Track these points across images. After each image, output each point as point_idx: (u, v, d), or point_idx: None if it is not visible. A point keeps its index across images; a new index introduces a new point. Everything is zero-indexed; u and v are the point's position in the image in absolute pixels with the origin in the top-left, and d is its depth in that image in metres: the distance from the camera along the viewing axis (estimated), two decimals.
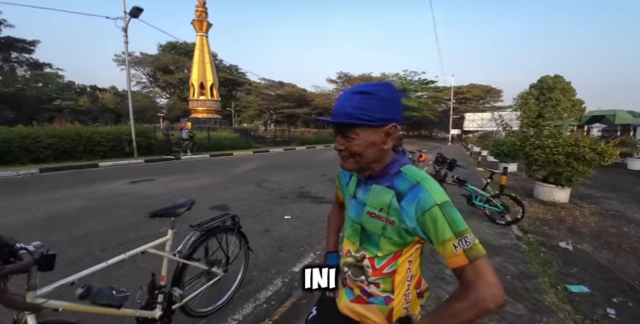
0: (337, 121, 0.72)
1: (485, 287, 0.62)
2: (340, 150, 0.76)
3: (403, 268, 0.79)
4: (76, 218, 4.09)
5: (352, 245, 0.86)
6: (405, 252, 0.78)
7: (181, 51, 40.67)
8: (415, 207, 0.69)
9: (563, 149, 5.20)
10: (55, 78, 33.52)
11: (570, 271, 2.81)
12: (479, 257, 0.65)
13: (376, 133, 0.72)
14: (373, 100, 0.70)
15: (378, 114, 0.70)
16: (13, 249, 1.04)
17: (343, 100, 0.72)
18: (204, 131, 16.46)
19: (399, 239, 0.75)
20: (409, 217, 0.71)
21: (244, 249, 2.16)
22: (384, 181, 0.78)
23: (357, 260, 0.83)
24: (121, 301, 1.34)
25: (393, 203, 0.74)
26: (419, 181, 0.72)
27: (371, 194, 0.80)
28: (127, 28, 11.45)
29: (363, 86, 0.72)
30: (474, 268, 0.64)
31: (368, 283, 0.82)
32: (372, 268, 0.80)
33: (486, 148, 14.45)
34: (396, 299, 0.80)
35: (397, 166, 0.78)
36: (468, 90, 47.52)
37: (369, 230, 0.80)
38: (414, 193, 0.70)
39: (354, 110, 0.70)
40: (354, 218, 0.85)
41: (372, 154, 0.75)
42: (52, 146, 9.93)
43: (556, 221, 4.39)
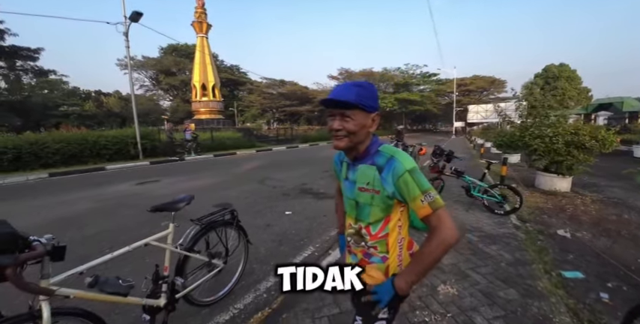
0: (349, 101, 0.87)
1: (445, 230, 0.85)
2: (338, 130, 0.91)
3: (394, 232, 0.98)
4: (86, 219, 4.25)
5: (352, 219, 1.05)
6: (393, 217, 0.97)
7: (182, 53, 40.95)
8: (392, 175, 0.89)
9: (562, 138, 5.18)
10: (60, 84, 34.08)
11: (566, 258, 2.85)
12: (439, 207, 0.86)
13: (367, 118, 0.92)
14: (367, 91, 0.91)
15: (370, 102, 0.91)
16: (27, 241, 1.15)
17: (346, 88, 0.90)
18: (207, 132, 16.64)
19: (384, 204, 0.94)
20: (388, 184, 0.90)
21: (244, 242, 2.26)
22: (367, 160, 0.97)
23: (357, 230, 1.02)
24: (127, 289, 1.44)
25: (376, 176, 0.93)
26: (392, 154, 0.92)
27: (359, 173, 0.98)
28: (127, 32, 11.61)
29: (357, 82, 0.92)
30: (436, 216, 0.86)
31: (368, 247, 1.01)
32: (369, 235, 0.99)
33: (489, 140, 14.35)
34: (390, 258, 0.99)
35: (376, 147, 0.97)
36: (471, 82, 46.90)
37: (361, 203, 0.98)
38: (389, 165, 0.90)
39: (357, 97, 0.88)
40: (349, 196, 1.03)
41: (362, 135, 0.93)
42: (60, 151, 10.19)
43: (556, 210, 4.40)
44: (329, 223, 3.85)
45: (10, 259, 1.00)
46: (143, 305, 1.59)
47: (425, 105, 43.86)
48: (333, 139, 0.96)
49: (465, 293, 2.15)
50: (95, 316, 1.36)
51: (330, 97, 0.90)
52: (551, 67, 28.17)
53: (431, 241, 0.86)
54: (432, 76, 48.52)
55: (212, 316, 1.97)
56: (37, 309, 1.15)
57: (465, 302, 2.05)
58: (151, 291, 1.63)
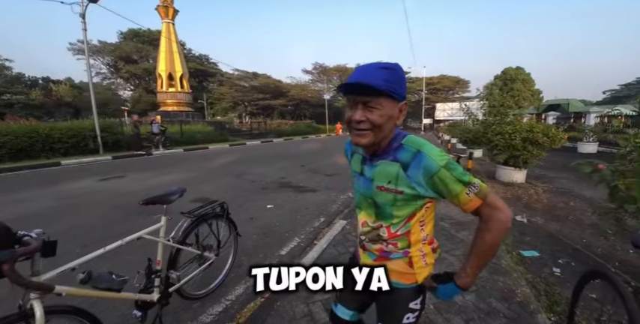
0: (377, 87, 0.72)
1: (501, 214, 0.77)
2: (360, 121, 0.76)
3: (416, 229, 0.87)
4: (48, 217, 3.93)
5: (369, 217, 0.92)
6: (417, 214, 0.85)
7: (145, 39, 38.13)
8: (422, 173, 0.76)
9: (520, 135, 5.73)
10: (3, 70, 30.18)
11: (524, 239, 3.22)
12: (487, 194, 0.78)
13: (395, 108, 0.78)
14: (395, 76, 0.75)
15: (399, 89, 0.76)
16: (16, 236, 1.09)
17: (373, 72, 0.74)
18: (175, 125, 15.83)
19: (410, 205, 0.82)
20: (418, 183, 0.78)
21: (233, 234, 2.27)
22: (387, 155, 0.83)
23: (374, 229, 0.90)
24: (120, 285, 1.41)
25: (400, 174, 0.79)
26: (419, 148, 0.78)
27: (378, 170, 0.84)
28: (85, 13, 10.58)
29: (385, 63, 0.77)
30: (489, 204, 0.78)
31: (387, 244, 0.89)
32: (388, 233, 0.88)
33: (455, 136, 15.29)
34: (412, 250, 0.89)
35: (399, 140, 0.83)
36: (438, 81, 49.26)
37: (380, 202, 0.86)
38: (417, 161, 0.77)
39: (384, 82, 0.72)
40: (364, 193, 0.91)
41: (389, 128, 0.79)
42: (7, 145, 9.17)
43: (514, 199, 4.89)
44: (311, 215, 3.94)
45: (7, 255, 0.95)
46: (136, 301, 1.56)
47: None
48: (351, 135, 0.82)
49: None
50: (88, 313, 1.32)
51: (352, 81, 0.74)
52: (509, 70, 30.53)
53: (490, 229, 0.77)
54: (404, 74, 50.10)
55: (205, 308, 1.98)
56: (29, 308, 1.09)
57: None
58: (144, 286, 1.60)
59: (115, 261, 2.44)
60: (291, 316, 1.86)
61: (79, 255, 1.29)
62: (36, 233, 1.14)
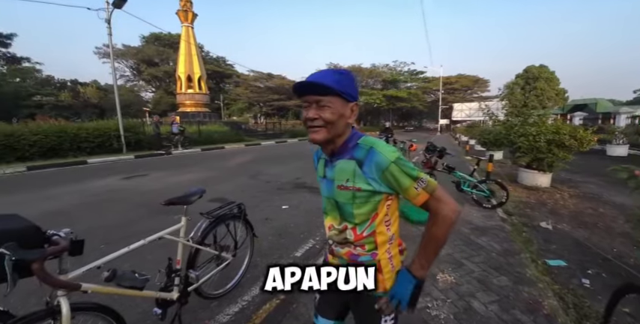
0: (327, 84, 0.78)
1: (447, 208, 0.82)
2: (314, 119, 0.82)
3: (382, 229, 0.89)
4: (74, 214, 4.12)
5: (334, 220, 0.94)
6: (380, 213, 0.87)
7: (165, 42, 39.42)
8: (375, 168, 0.81)
9: (545, 137, 5.47)
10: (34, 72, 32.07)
11: (550, 247, 3.07)
12: (435, 189, 0.83)
13: (345, 107, 0.84)
14: (346, 79, 0.83)
15: (350, 90, 0.83)
16: (45, 236, 1.13)
17: (324, 75, 0.82)
18: (193, 125, 16.25)
19: (368, 202, 0.85)
20: (373, 179, 0.82)
21: (250, 236, 2.29)
22: (345, 155, 0.88)
23: (340, 231, 0.92)
24: (143, 283, 1.45)
25: (356, 171, 0.84)
26: (371, 146, 0.83)
27: (337, 169, 0.88)
28: (110, 19, 11.06)
29: (335, 69, 0.86)
30: (436, 198, 0.83)
31: (355, 247, 0.91)
32: (354, 235, 0.90)
33: (474, 138, 14.84)
34: (379, 252, 0.91)
35: (355, 140, 0.88)
36: (456, 80, 48.02)
37: (341, 202, 0.88)
38: (370, 158, 0.82)
39: (334, 83, 0.79)
40: (327, 195, 0.94)
41: (341, 126, 0.84)
42: (38, 144, 9.70)
43: (538, 204, 4.68)
44: None
45: (38, 254, 0.99)
46: (156, 299, 1.60)
47: (412, 102, 44.63)
48: (308, 132, 0.86)
49: (462, 280, 2.29)
50: (112, 310, 1.36)
51: (306, 81, 0.80)
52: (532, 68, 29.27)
53: (437, 222, 0.83)
54: (419, 73, 49.33)
55: (221, 308, 2.00)
56: (56, 304, 1.12)
57: (462, 289, 2.18)
58: (164, 284, 1.64)
59: (136, 259, 2.52)
60: (306, 318, 1.85)
61: (102, 252, 1.34)
62: (64, 233, 1.18)
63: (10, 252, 0.90)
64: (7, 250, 0.90)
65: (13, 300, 1.93)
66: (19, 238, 0.98)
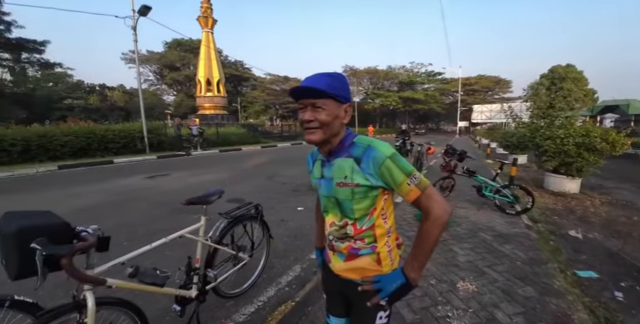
0: (320, 88, 0.83)
1: (438, 206, 0.84)
2: (310, 121, 0.86)
3: (380, 222, 0.94)
4: (100, 212, 4.32)
5: (335, 217, 0.97)
6: (377, 207, 0.92)
7: (187, 48, 40.87)
8: (372, 164, 0.85)
9: (573, 140, 5.19)
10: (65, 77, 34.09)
11: (579, 258, 2.89)
12: (426, 187, 0.86)
13: (339, 109, 0.88)
14: (339, 82, 0.87)
15: (343, 93, 0.87)
16: (74, 232, 1.19)
17: (317, 79, 0.86)
18: (212, 127, 16.68)
19: (366, 197, 0.89)
20: (370, 174, 0.86)
21: (266, 237, 2.30)
22: (342, 153, 0.91)
23: (341, 227, 0.96)
24: (164, 280, 1.48)
25: (354, 167, 0.88)
26: (368, 143, 0.88)
27: (335, 167, 0.92)
28: (136, 26, 11.60)
29: (327, 73, 0.89)
30: (426, 196, 0.85)
31: (355, 241, 0.95)
32: (354, 230, 0.93)
33: (495, 140, 14.31)
34: (379, 245, 0.95)
35: (350, 139, 0.92)
36: (476, 81, 46.64)
37: (341, 199, 0.92)
38: (367, 154, 0.86)
39: (327, 87, 0.83)
40: (326, 194, 0.96)
41: (336, 127, 0.88)
42: (68, 144, 10.27)
43: (566, 211, 4.43)
44: None
45: (67, 250, 1.03)
46: (176, 296, 1.64)
47: (429, 104, 43.73)
48: (305, 134, 0.90)
49: (485, 290, 2.19)
50: (134, 306, 1.40)
51: (300, 86, 0.85)
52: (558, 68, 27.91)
53: (426, 222, 0.85)
54: (437, 75, 48.31)
55: (237, 307, 2.02)
56: (82, 298, 1.17)
57: (485, 298, 2.08)
58: (183, 282, 1.67)
59: (157, 257, 2.60)
60: (322, 321, 1.83)
61: (126, 248, 1.39)
62: (92, 229, 1.23)
63: (41, 247, 0.94)
64: (39, 245, 0.94)
65: (40, 292, 2.04)
66: (50, 234, 1.03)
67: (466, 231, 3.46)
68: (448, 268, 2.55)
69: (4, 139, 9.07)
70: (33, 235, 0.98)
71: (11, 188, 6.09)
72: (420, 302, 2.03)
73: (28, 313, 1.22)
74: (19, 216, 1.08)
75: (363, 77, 44.48)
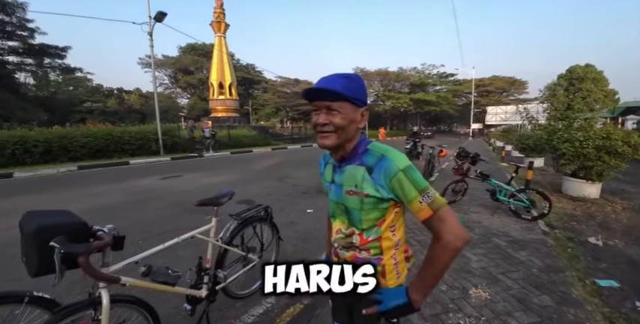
0: (337, 90, 0.78)
1: (450, 230, 0.76)
2: (324, 124, 0.81)
3: (387, 234, 0.89)
4: (117, 211, 4.45)
5: (342, 224, 0.94)
6: (387, 219, 0.87)
7: (200, 52, 41.79)
8: (384, 175, 0.80)
9: (593, 142, 4.99)
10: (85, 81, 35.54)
11: (599, 266, 2.76)
12: (440, 207, 0.78)
13: (356, 112, 0.83)
14: (356, 84, 0.82)
15: (359, 96, 0.82)
16: (91, 231, 1.23)
17: (333, 80, 0.81)
18: (224, 129, 16.96)
19: (376, 208, 0.84)
20: (381, 186, 0.81)
21: (276, 238, 2.31)
22: (354, 160, 0.87)
23: (347, 235, 0.92)
24: (175, 279, 1.51)
25: (365, 177, 0.83)
26: (383, 153, 0.82)
27: (346, 175, 0.88)
28: (152, 32, 11.97)
29: (344, 74, 0.84)
30: (439, 218, 0.78)
31: (360, 251, 0.91)
32: (360, 239, 0.89)
33: (510, 143, 13.94)
34: (385, 258, 0.90)
35: (364, 145, 0.87)
36: (490, 82, 45.66)
37: (350, 207, 0.88)
38: (380, 164, 0.81)
39: (344, 89, 0.78)
40: (336, 199, 0.93)
41: (351, 131, 0.83)
42: (88, 145, 10.67)
43: (585, 217, 4.26)
44: None
45: (84, 248, 1.07)
46: (187, 295, 1.67)
47: (441, 106, 43.10)
48: (317, 137, 0.86)
49: (498, 298, 2.13)
50: (147, 304, 1.43)
51: (315, 87, 0.79)
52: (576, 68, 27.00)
53: (436, 246, 0.78)
54: (450, 76, 47.62)
55: (247, 308, 2.04)
56: (97, 296, 1.20)
57: (498, 306, 2.02)
58: (194, 282, 1.70)
59: (170, 256, 2.65)
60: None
61: (140, 246, 1.43)
62: (108, 229, 1.27)
63: (59, 245, 0.98)
64: (57, 243, 0.98)
65: (58, 289, 2.11)
66: (69, 233, 1.07)
67: (479, 236, 3.38)
68: (460, 274, 2.49)
69: (27, 140, 9.51)
70: (52, 234, 1.02)
71: (33, 188, 6.37)
72: (430, 309, 1.99)
73: (46, 309, 1.27)
74: (39, 215, 1.13)
75: (374, 79, 44.27)
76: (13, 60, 24.77)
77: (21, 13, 20.77)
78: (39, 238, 1.02)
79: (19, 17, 21.08)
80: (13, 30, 21.89)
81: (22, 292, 1.22)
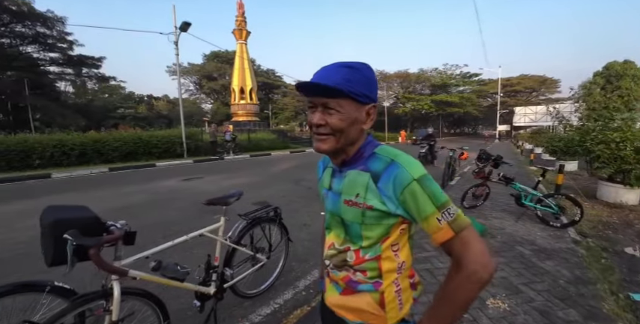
0: (331, 86, 0.64)
1: (475, 257, 0.61)
2: (319, 125, 0.68)
3: (388, 254, 0.72)
4: (142, 210, 4.68)
5: (337, 238, 0.79)
6: (390, 236, 0.72)
7: (223, 59, 43.35)
8: (393, 185, 0.65)
9: (631, 144, 4.59)
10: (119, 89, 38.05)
11: (635, 278, 2.51)
12: (464, 228, 0.64)
13: (359, 111, 0.69)
14: (359, 75, 0.67)
15: (363, 90, 0.67)
16: (104, 225, 1.30)
17: (330, 71, 0.67)
18: (244, 133, 17.42)
19: (380, 225, 0.70)
20: (389, 198, 0.66)
21: (285, 239, 2.32)
22: (358, 165, 0.73)
23: (340, 252, 0.77)
24: (184, 275, 1.56)
25: (370, 186, 0.69)
26: (393, 158, 0.68)
27: (346, 181, 0.74)
28: (177, 41, 12.61)
29: (348, 62, 0.69)
30: (461, 241, 0.63)
31: (354, 272, 0.75)
32: (356, 258, 0.74)
33: (540, 145, 13.16)
34: (385, 283, 0.73)
35: (370, 148, 0.73)
36: (518, 81, 43.57)
37: (348, 221, 0.74)
38: (389, 171, 0.66)
39: (344, 82, 0.64)
40: (332, 210, 0.79)
41: (353, 133, 0.70)
42: (119, 149, 11.38)
43: (623, 225, 3.90)
44: None
45: (95, 241, 1.13)
46: (195, 292, 1.71)
47: (465, 107, 41.64)
48: (313, 140, 0.73)
49: (519, 310, 1.99)
50: (157, 298, 1.49)
51: (307, 81, 0.66)
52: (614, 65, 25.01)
53: (455, 277, 0.63)
54: (474, 76, 45.99)
55: (254, 308, 2.06)
56: (110, 287, 1.27)
57: (518, 319, 1.89)
58: (202, 279, 1.74)
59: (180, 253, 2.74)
60: None
61: (160, 244, 1.50)
62: (120, 224, 1.34)
63: (72, 238, 1.04)
64: (70, 236, 1.05)
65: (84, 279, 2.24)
66: (82, 227, 1.14)
67: (501, 243, 3.20)
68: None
69: (65, 144, 10.32)
70: (67, 227, 1.09)
71: (68, 187, 6.86)
72: None
73: (66, 298, 1.36)
74: (58, 209, 1.21)
75: (394, 81, 43.70)
76: (54, 70, 27.09)
77: (60, 26, 22.66)
78: (55, 230, 1.09)
79: (59, 30, 23.02)
80: (54, 42, 23.92)
81: (44, 282, 1.32)
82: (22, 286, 1.27)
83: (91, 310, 1.28)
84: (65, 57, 25.58)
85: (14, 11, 20.11)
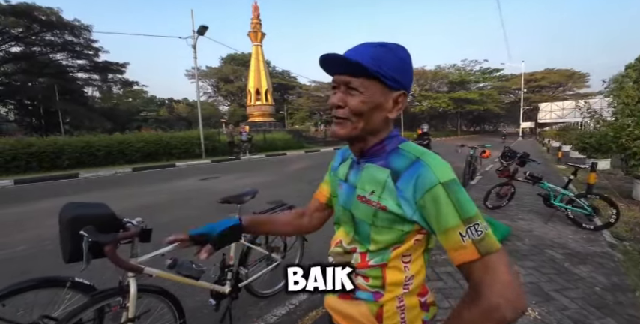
0: (352, 60, 0.57)
1: (500, 289, 0.50)
2: (338, 106, 0.61)
3: (396, 263, 0.64)
4: (162, 208, 4.82)
5: (345, 236, 0.73)
6: (403, 246, 0.64)
7: (239, 61, 44.23)
8: (413, 187, 0.57)
9: None
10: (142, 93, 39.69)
11: None
12: (492, 251, 0.53)
13: (385, 96, 0.61)
14: (391, 55, 0.60)
15: (394, 73, 0.59)
16: (121, 223, 1.31)
17: (360, 48, 0.61)
18: (260, 134, 17.64)
19: (392, 229, 0.62)
20: (406, 200, 0.58)
21: (300, 238, 2.29)
22: (378, 159, 0.65)
23: (346, 251, 0.71)
24: (199, 273, 1.54)
25: (387, 184, 0.61)
26: (419, 156, 0.60)
27: (363, 174, 0.67)
28: (195, 45, 12.95)
29: (380, 42, 0.62)
30: (486, 264, 0.52)
31: (356, 275, 0.67)
32: (361, 260, 0.67)
33: (568, 143, 12.45)
34: (386, 295, 0.64)
35: (395, 143, 0.65)
36: (542, 76, 41.50)
37: (358, 218, 0.67)
38: (412, 171, 0.58)
39: (372, 60, 0.57)
40: (344, 205, 0.72)
41: (375, 121, 0.62)
42: (141, 150, 11.85)
43: None
44: None
45: (111, 238, 1.14)
46: (211, 290, 1.70)
47: (485, 104, 40.12)
48: (332, 124, 0.66)
49: (551, 318, 1.85)
50: (172, 295, 1.49)
51: (331, 54, 0.58)
52: None
53: (471, 307, 0.52)
54: (494, 71, 44.19)
55: (270, 308, 2.04)
56: (126, 284, 1.28)
57: None
58: (218, 277, 1.74)
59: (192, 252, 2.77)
60: None
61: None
62: (136, 221, 1.35)
63: (88, 234, 1.05)
64: (86, 232, 1.05)
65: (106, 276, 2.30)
66: (99, 224, 1.15)
67: (529, 247, 3.01)
68: None
69: (92, 145, 10.86)
70: (84, 224, 1.10)
71: (94, 187, 7.20)
72: None
73: (86, 294, 1.39)
74: (77, 206, 1.23)
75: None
76: (82, 76, 28.61)
77: (87, 34, 23.88)
78: (72, 227, 1.10)
79: (85, 38, 24.27)
80: (81, 50, 25.26)
81: (65, 278, 1.35)
82: (45, 281, 1.30)
83: (109, 306, 1.30)
84: (92, 63, 26.97)
85: (44, 21, 21.37)
